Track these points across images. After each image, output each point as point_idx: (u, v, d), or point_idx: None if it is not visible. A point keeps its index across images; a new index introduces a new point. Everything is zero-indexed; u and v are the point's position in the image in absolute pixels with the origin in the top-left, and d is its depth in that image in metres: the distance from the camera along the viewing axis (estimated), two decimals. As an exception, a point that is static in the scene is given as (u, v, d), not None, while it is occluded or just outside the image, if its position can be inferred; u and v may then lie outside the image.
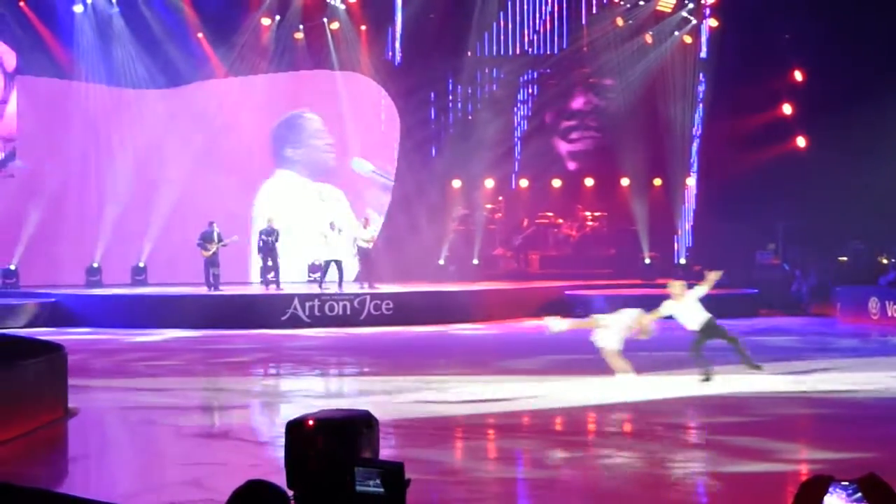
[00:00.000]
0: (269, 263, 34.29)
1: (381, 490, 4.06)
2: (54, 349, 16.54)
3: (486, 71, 43.92)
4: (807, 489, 3.64)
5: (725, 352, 19.56)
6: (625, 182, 41.48)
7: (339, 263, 33.28)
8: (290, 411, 15.04)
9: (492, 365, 22.20)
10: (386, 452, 4.54)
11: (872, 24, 34.44)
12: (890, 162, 32.85)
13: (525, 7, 42.80)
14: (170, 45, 37.59)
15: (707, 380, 18.68)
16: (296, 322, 31.15)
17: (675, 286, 19.61)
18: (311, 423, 4.28)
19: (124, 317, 31.22)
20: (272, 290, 33.76)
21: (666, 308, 19.48)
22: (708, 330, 19.22)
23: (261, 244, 34.31)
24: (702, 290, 19.48)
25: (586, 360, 22.12)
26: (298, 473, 4.19)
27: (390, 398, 17.66)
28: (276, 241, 34.16)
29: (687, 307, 19.28)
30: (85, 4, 37.12)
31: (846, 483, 3.56)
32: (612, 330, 19.03)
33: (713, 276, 19.61)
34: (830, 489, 3.56)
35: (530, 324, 32.37)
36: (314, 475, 4.14)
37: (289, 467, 4.22)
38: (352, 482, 4.06)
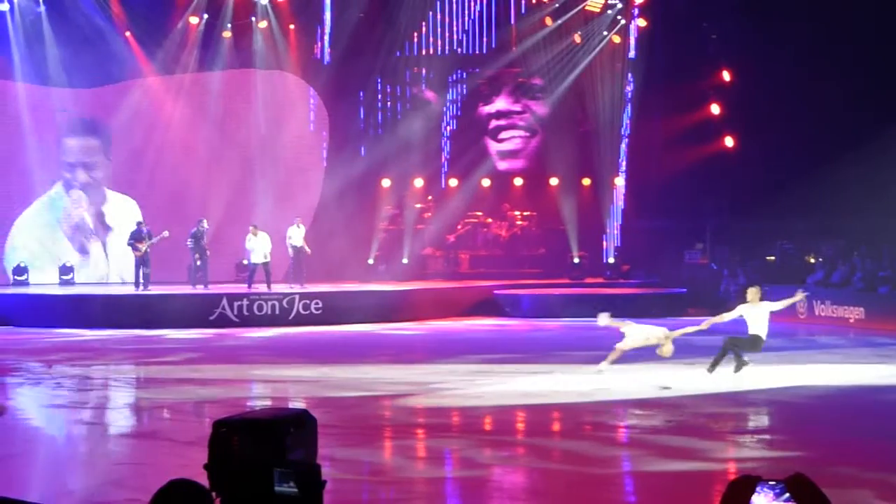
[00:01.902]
0: (199, 263, 34.05)
1: (296, 491, 4.04)
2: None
3: (415, 70, 43.86)
4: (734, 489, 3.65)
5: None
6: (554, 182, 41.64)
7: (265, 265, 33.22)
8: (219, 411, 14.94)
9: (422, 364, 22.20)
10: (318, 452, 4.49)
11: (799, 24, 34.70)
12: (817, 162, 33.11)
13: (454, 6, 42.80)
14: (98, 43, 37.10)
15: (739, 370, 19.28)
16: (224, 322, 30.92)
17: (751, 292, 19.87)
18: (234, 423, 4.24)
19: (51, 316, 30.85)
20: (200, 289, 33.53)
21: (738, 311, 19.90)
22: (758, 343, 19.57)
23: (191, 244, 34.03)
24: (779, 305, 19.91)
25: (514, 358, 22.23)
26: (220, 474, 4.15)
27: (321, 396, 17.62)
28: (203, 239, 33.94)
29: (759, 313, 19.57)
30: (11, 3, 36.58)
31: (773, 482, 3.57)
32: (635, 337, 19.86)
33: (798, 297, 20.82)
34: (758, 489, 3.57)
35: (460, 323, 32.47)
36: (236, 475, 4.10)
37: (210, 468, 4.18)
38: (271, 483, 4.04)
